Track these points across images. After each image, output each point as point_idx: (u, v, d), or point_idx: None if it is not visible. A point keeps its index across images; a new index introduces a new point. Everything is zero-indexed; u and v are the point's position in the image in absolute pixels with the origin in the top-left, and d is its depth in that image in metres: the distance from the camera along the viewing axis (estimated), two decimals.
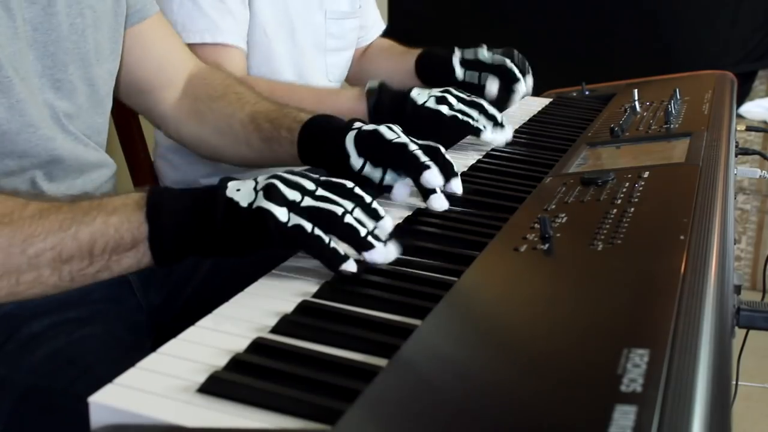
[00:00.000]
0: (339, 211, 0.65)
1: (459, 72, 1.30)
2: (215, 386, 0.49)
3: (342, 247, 0.65)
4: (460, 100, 1.06)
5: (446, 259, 0.70)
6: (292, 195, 0.65)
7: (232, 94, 1.02)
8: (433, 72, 1.37)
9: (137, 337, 0.87)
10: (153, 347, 0.55)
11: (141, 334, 0.89)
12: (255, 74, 1.27)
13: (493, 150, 1.09)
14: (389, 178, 0.82)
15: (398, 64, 1.46)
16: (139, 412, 0.47)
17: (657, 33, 2.59)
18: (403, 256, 0.70)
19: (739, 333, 0.74)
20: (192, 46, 1.15)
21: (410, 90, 1.07)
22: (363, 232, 0.65)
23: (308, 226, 0.63)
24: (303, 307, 0.60)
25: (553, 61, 2.50)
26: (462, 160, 1.05)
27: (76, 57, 0.86)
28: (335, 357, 0.53)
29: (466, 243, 0.73)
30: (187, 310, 0.92)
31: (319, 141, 0.88)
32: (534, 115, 1.33)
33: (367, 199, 0.68)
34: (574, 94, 1.51)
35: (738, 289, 0.65)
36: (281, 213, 0.63)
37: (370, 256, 0.66)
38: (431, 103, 1.04)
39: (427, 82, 1.38)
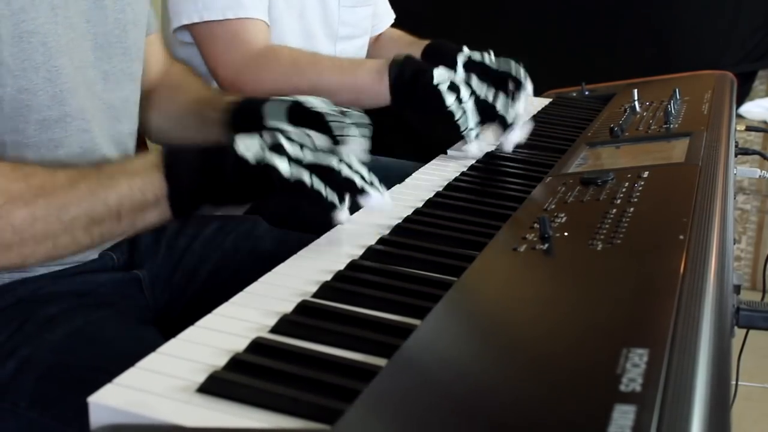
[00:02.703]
0: (335, 164, 0.72)
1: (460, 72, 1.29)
2: (215, 386, 0.49)
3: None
4: (473, 93, 1.04)
5: (446, 258, 0.70)
6: (294, 151, 0.71)
7: (184, 83, 1.08)
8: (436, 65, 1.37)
9: (148, 328, 0.88)
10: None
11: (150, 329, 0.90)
12: None
13: (492, 150, 1.09)
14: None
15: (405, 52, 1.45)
16: (138, 412, 0.47)
17: (657, 33, 2.59)
18: (404, 256, 0.70)
19: (739, 333, 0.74)
20: (213, 23, 1.17)
21: (433, 68, 1.05)
22: (359, 182, 0.73)
23: (308, 180, 0.70)
24: (302, 307, 0.60)
25: (553, 61, 2.50)
26: (462, 160, 1.05)
27: (119, 50, 0.90)
28: (335, 357, 0.53)
29: (466, 243, 0.73)
30: (190, 311, 0.93)
31: (242, 116, 0.94)
32: (534, 115, 1.33)
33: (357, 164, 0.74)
34: (574, 94, 1.51)
35: (738, 289, 0.65)
36: (284, 167, 0.70)
37: (367, 202, 0.74)
38: (443, 87, 1.03)
39: None
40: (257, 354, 0.53)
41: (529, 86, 1.22)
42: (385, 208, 0.75)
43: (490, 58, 1.27)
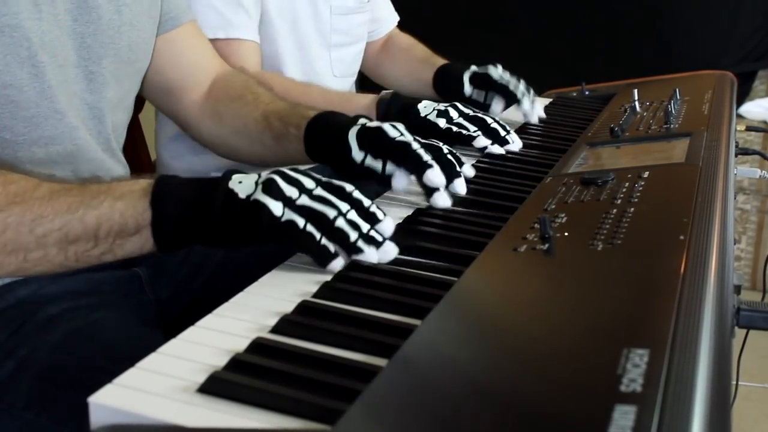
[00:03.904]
0: (332, 214, 0.66)
1: (467, 89, 1.33)
2: (215, 386, 0.49)
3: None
4: (461, 114, 1.08)
5: (446, 259, 0.70)
6: (290, 191, 0.66)
7: (249, 95, 1.04)
8: (447, 87, 1.40)
9: (148, 327, 0.88)
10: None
11: (151, 327, 0.90)
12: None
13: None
14: (390, 167, 0.84)
15: (418, 73, 1.48)
16: (139, 412, 0.47)
17: (657, 33, 2.59)
18: (404, 256, 0.70)
19: (739, 333, 0.75)
20: None
21: (418, 102, 1.09)
22: (353, 236, 0.66)
23: (301, 222, 0.65)
24: (303, 307, 0.60)
25: (554, 61, 2.50)
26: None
27: (110, 52, 0.89)
28: (335, 357, 0.53)
29: (466, 243, 0.73)
30: (194, 306, 0.93)
31: (323, 136, 0.91)
32: None
33: (366, 202, 0.70)
34: (574, 94, 1.51)
35: (738, 289, 0.65)
36: (276, 207, 0.65)
37: (359, 259, 0.67)
38: (432, 116, 1.06)
39: (441, 95, 1.41)
40: (258, 354, 0.53)
41: (525, 103, 1.23)
42: (381, 260, 0.68)
43: (492, 70, 1.29)
